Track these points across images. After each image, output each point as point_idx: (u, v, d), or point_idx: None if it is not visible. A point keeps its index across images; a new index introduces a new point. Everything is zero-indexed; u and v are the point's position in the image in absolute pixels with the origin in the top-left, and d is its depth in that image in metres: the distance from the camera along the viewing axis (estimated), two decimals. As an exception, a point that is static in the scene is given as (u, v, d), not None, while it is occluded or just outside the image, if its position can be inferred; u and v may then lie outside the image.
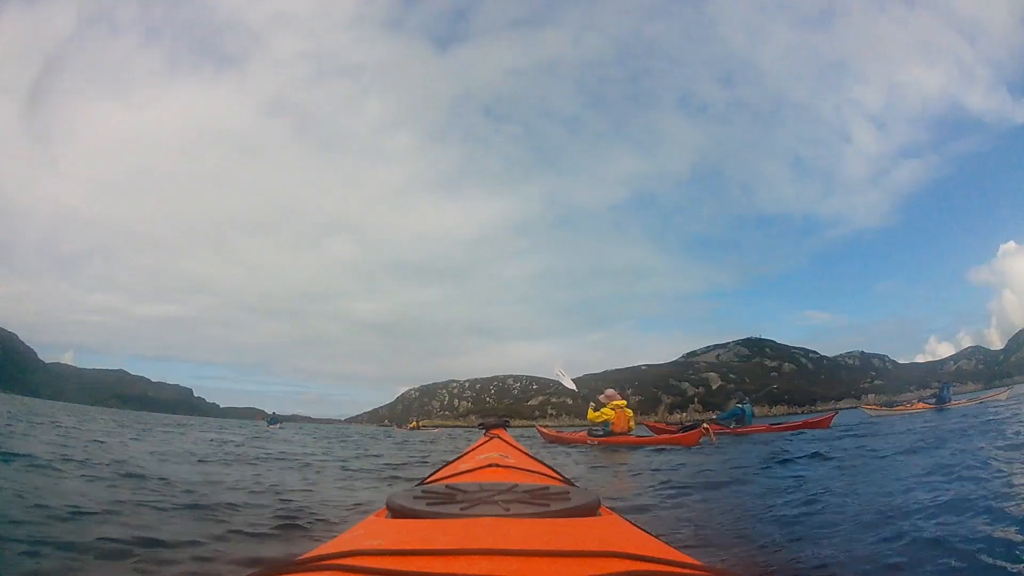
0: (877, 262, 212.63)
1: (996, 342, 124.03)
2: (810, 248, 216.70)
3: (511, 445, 3.26)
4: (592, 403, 13.47)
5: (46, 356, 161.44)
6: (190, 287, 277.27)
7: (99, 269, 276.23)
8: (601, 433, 12.64)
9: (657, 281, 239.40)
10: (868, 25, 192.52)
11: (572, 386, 17.06)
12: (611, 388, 13.80)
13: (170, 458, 8.02)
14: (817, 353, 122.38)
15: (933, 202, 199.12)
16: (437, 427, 55.33)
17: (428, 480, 2.29)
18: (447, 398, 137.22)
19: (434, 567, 0.97)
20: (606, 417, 12.73)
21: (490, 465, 2.43)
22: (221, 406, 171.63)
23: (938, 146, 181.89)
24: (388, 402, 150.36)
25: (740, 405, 16.09)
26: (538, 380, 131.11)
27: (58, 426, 14.00)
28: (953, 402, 22.12)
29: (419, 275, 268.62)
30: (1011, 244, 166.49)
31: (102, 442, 9.92)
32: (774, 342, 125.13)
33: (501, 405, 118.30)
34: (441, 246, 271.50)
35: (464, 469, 2.41)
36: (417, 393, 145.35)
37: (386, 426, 52.29)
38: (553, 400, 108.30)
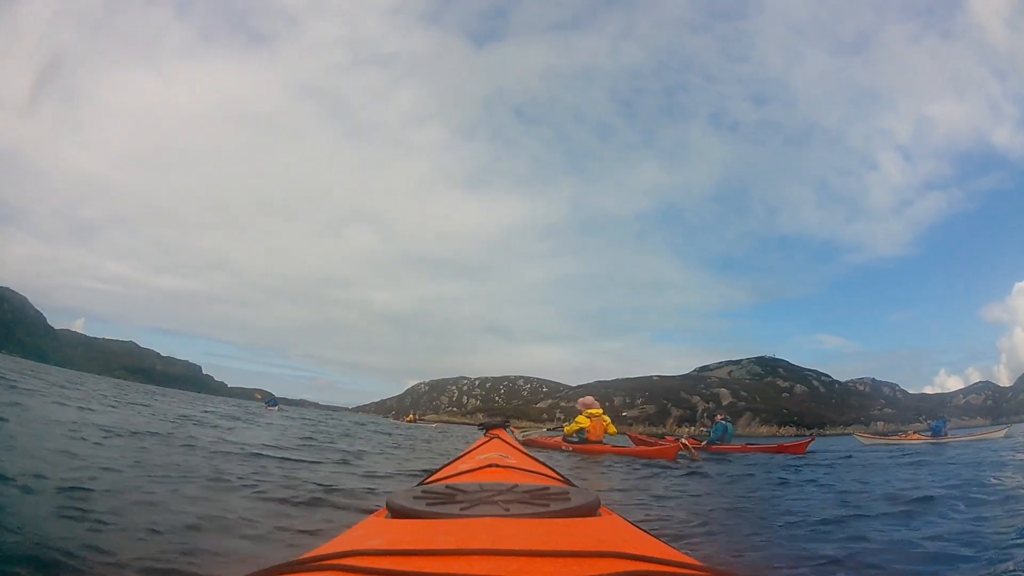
0: (893, 291, 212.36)
1: (1004, 379, 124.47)
2: (828, 273, 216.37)
3: (511, 445, 3.29)
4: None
5: (56, 322, 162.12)
6: (207, 263, 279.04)
7: (117, 238, 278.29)
8: (576, 440, 12.66)
9: (675, 295, 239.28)
10: (902, 55, 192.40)
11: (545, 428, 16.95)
12: (590, 396, 13.80)
13: (82, 431, 7.20)
14: (829, 376, 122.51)
15: (953, 236, 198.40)
16: (436, 423, 55.29)
17: (428, 480, 2.29)
18: (456, 394, 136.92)
19: (434, 567, 0.98)
20: (580, 425, 12.79)
21: (490, 465, 2.43)
22: (229, 385, 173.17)
23: (962, 181, 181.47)
24: (397, 394, 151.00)
25: (722, 422, 16.10)
26: (548, 383, 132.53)
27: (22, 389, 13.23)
28: (949, 436, 22.00)
29: (438, 270, 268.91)
30: None
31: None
32: (788, 363, 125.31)
33: (510, 406, 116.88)
34: (462, 243, 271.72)
35: (464, 469, 2.41)
36: (426, 387, 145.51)
37: (391, 418, 51.97)
38: (562, 404, 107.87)
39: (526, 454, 2.96)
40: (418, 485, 1.97)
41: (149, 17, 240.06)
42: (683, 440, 12.06)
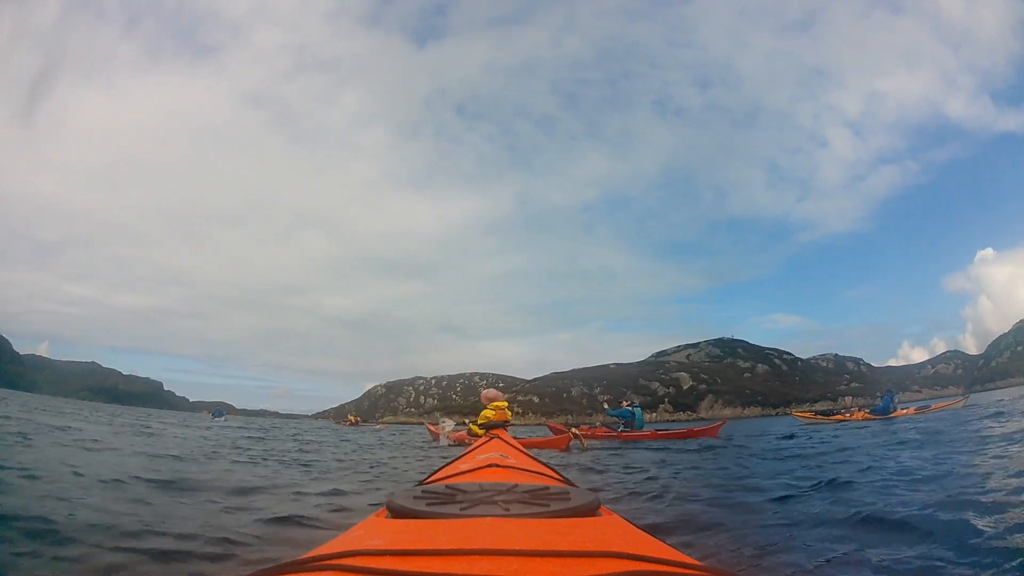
0: (850, 267, 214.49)
1: (971, 348, 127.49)
2: (782, 253, 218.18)
3: (511, 445, 3.35)
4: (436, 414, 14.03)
5: (22, 347, 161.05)
6: (164, 278, 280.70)
7: (75, 259, 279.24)
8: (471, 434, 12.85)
9: (627, 283, 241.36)
10: (850, 32, 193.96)
11: (450, 428, 16.59)
12: (493, 389, 13.16)
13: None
14: (791, 354, 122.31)
15: (909, 209, 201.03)
16: (382, 424, 51.12)
17: (428, 480, 2.30)
18: (413, 395, 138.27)
19: (434, 567, 0.98)
20: (486, 418, 12.48)
21: (490, 465, 2.43)
22: (191, 400, 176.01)
23: (916, 153, 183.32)
24: (355, 398, 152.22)
25: (630, 407, 15.83)
26: (505, 378, 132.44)
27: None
28: (899, 411, 20.82)
29: (390, 271, 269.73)
30: (988, 251, 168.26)
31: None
32: (747, 343, 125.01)
33: (467, 403, 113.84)
34: (412, 243, 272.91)
35: (464, 469, 2.41)
36: (383, 390, 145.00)
37: (337, 423, 50.06)
38: (520, 398, 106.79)
39: (526, 454, 2.99)
40: (418, 485, 2.00)
41: (98, 36, 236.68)
42: (574, 430, 12.09)
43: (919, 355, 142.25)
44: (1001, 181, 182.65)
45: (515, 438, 11.92)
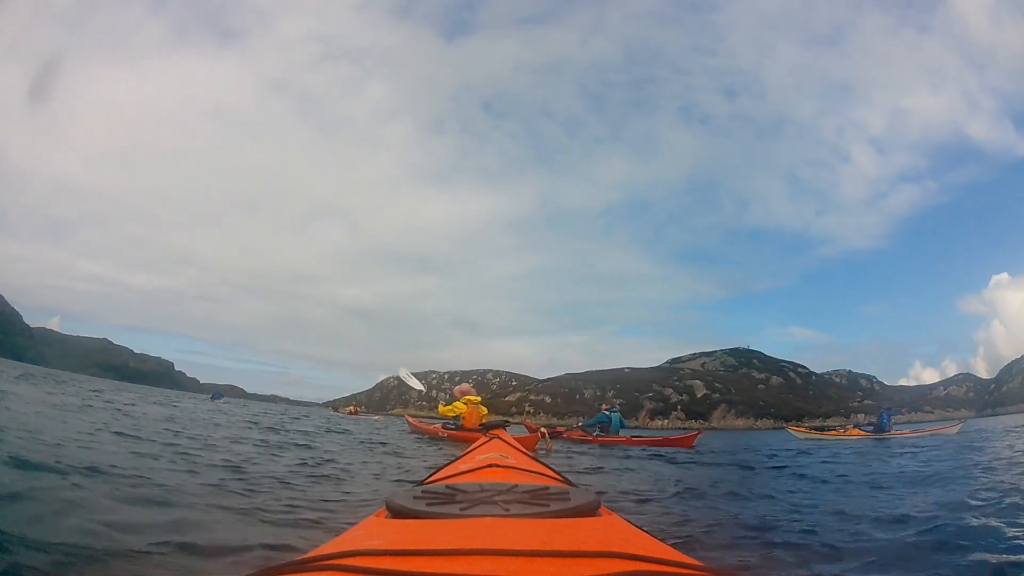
0: (866, 284, 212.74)
1: (982, 372, 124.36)
2: (799, 265, 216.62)
3: (511, 445, 3.35)
4: (442, 402, 13.80)
5: (32, 320, 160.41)
6: (178, 260, 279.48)
7: (90, 237, 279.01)
8: (452, 427, 12.85)
9: (643, 288, 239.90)
10: (877, 48, 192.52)
11: (419, 386, 17.24)
12: (467, 384, 13.76)
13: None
14: (806, 368, 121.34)
15: (928, 228, 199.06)
16: (379, 415, 52.06)
17: (428, 480, 2.31)
18: (425, 389, 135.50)
19: (434, 567, 0.98)
20: (457, 412, 12.93)
21: (490, 465, 2.43)
22: (201, 381, 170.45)
23: (937, 173, 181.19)
24: (367, 388, 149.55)
25: (607, 412, 15.70)
26: (518, 376, 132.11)
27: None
28: (894, 431, 20.41)
29: (407, 265, 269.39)
30: (1004, 276, 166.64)
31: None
32: (763, 354, 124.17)
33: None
34: (431, 238, 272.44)
35: (464, 469, 2.42)
36: (396, 381, 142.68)
37: (329, 410, 50.98)
38: (532, 397, 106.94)
39: (526, 454, 3.02)
40: (418, 485, 2.02)
41: (124, 15, 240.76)
42: (542, 430, 11.89)
43: (930, 376, 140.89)
44: (1020, 206, 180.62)
45: (462, 430, 12.31)
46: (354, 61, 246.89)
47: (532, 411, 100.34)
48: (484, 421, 12.75)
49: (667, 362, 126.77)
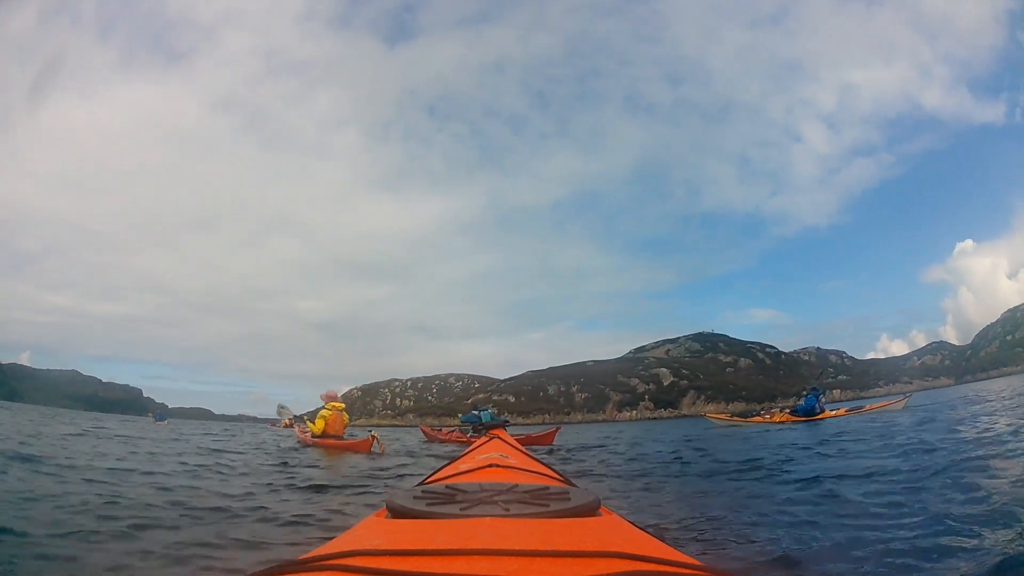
0: (825, 261, 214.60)
1: (953, 340, 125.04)
2: (756, 247, 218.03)
3: (511, 445, 3.28)
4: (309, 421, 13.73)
5: (3, 357, 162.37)
6: (140, 285, 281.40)
7: (54, 267, 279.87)
8: (319, 434, 12.84)
9: (600, 280, 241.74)
10: (824, 25, 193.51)
11: (290, 415, 17.87)
12: (333, 390, 13.62)
13: None
14: (774, 348, 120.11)
15: (886, 201, 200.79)
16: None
17: (428, 480, 2.32)
18: (389, 397, 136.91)
19: (434, 567, 0.98)
20: (323, 419, 12.79)
21: (490, 465, 2.43)
22: (170, 406, 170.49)
23: (892, 145, 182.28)
24: None
25: (477, 412, 16.06)
26: (480, 379, 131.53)
27: None
28: (827, 412, 18.95)
29: (362, 274, 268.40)
30: (968, 243, 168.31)
31: None
32: (728, 337, 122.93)
33: (442, 404, 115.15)
34: (384, 245, 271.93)
35: (464, 469, 2.42)
36: (359, 392, 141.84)
37: (273, 426, 45.60)
38: (495, 398, 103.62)
39: (526, 454, 2.99)
40: (418, 485, 2.02)
41: (74, 41, 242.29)
42: (373, 433, 11.95)
43: (898, 348, 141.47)
44: (980, 172, 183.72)
45: (338, 440, 12.48)
46: (298, 73, 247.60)
47: (497, 412, 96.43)
48: (348, 427, 13.26)
49: (630, 352, 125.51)
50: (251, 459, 9.46)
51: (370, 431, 12.53)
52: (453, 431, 16.99)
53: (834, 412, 19.15)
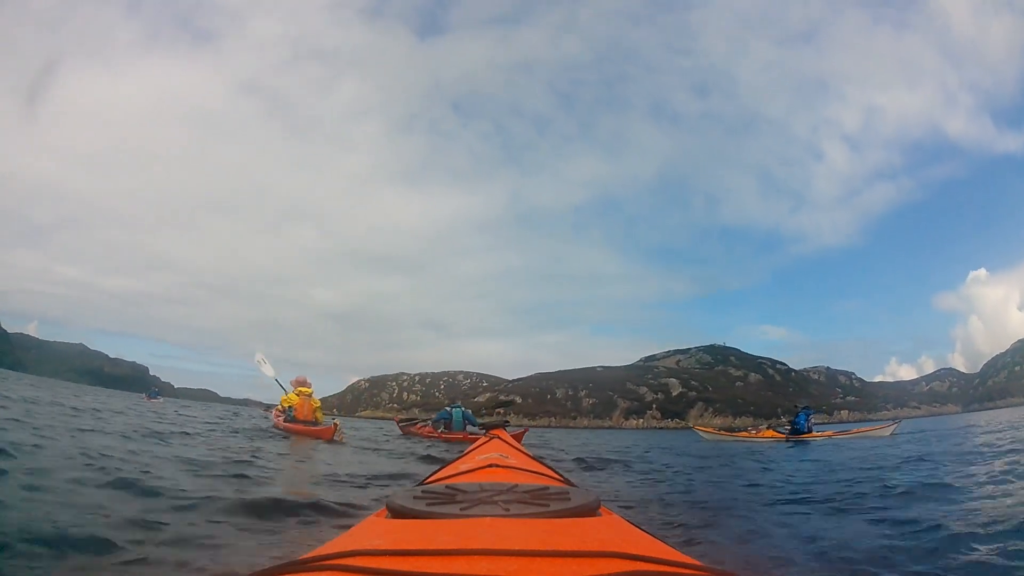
0: (840, 282, 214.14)
1: (961, 368, 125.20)
2: (772, 263, 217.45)
3: (511, 445, 3.26)
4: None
5: (10, 326, 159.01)
6: (152, 263, 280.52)
7: (67, 241, 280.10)
8: (285, 419, 13.13)
9: (614, 287, 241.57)
10: (853, 45, 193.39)
11: (271, 373, 17.30)
12: (303, 375, 14.08)
13: None
14: (785, 365, 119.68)
15: (903, 226, 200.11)
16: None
17: (428, 480, 2.32)
18: (396, 390, 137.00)
19: (434, 567, 0.98)
20: (290, 403, 13.25)
21: (490, 465, 2.42)
22: (175, 386, 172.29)
23: (913, 170, 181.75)
24: (338, 391, 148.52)
25: (449, 408, 16.12)
26: (488, 377, 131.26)
27: None
28: (815, 433, 18.66)
29: (378, 266, 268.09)
30: (981, 271, 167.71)
31: None
32: (739, 351, 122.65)
33: (449, 400, 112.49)
34: (401, 238, 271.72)
35: (464, 469, 2.41)
36: (367, 384, 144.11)
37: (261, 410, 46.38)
38: (501, 398, 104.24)
39: (526, 454, 2.99)
40: (418, 485, 2.02)
41: (100, 17, 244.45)
42: (336, 421, 12.49)
43: (907, 372, 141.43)
44: (997, 202, 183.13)
45: (305, 426, 12.52)
46: (325, 61, 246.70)
47: (502, 411, 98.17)
48: (317, 412, 13.25)
49: (641, 360, 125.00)
50: (195, 447, 8.15)
51: (335, 421, 12.66)
52: (425, 425, 16.89)
53: (821, 433, 18.98)
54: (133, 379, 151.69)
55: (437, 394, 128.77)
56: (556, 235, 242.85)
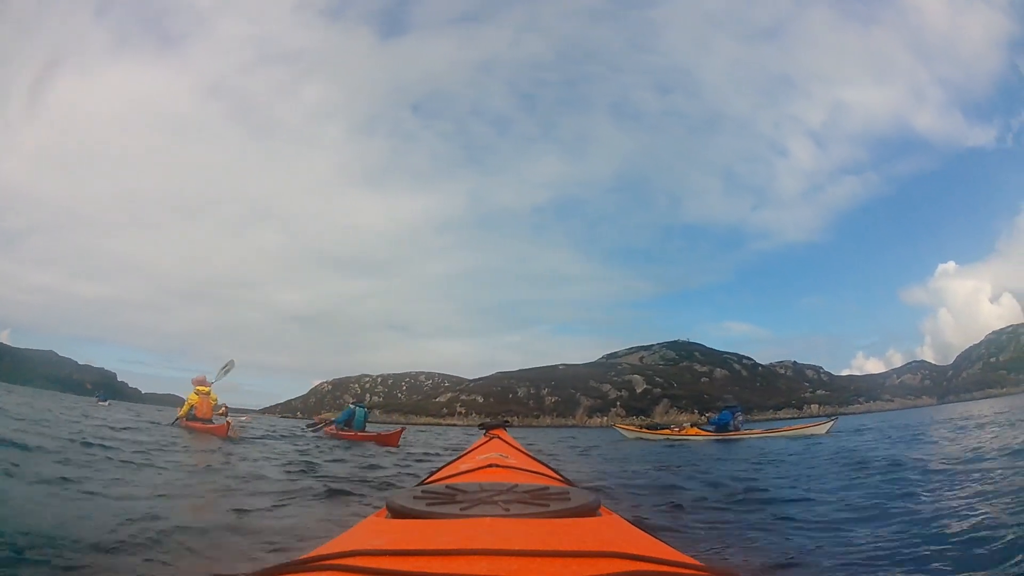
0: (804, 277, 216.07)
1: (931, 360, 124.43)
2: (735, 261, 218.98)
3: (511, 445, 3.25)
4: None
5: None
6: (122, 268, 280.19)
7: (39, 246, 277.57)
8: (187, 417, 13.77)
9: (576, 286, 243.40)
10: (819, 42, 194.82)
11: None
12: (202, 375, 14.44)
13: None
14: (751, 359, 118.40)
15: (869, 220, 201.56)
16: (247, 416, 43.76)
17: (428, 480, 2.32)
18: (359, 392, 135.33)
19: (434, 567, 0.99)
20: (190, 403, 13.81)
21: (490, 465, 2.42)
22: (143, 391, 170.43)
23: (880, 165, 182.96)
24: (302, 394, 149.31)
25: (352, 406, 15.92)
26: (450, 378, 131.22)
27: None
28: (742, 431, 17.91)
29: (340, 268, 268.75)
30: (951, 265, 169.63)
31: None
32: (704, 346, 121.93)
33: (411, 401, 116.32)
34: (364, 240, 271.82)
35: (464, 469, 2.42)
36: (330, 386, 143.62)
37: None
38: (463, 398, 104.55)
39: (526, 454, 2.98)
40: (418, 485, 2.03)
41: (71, 20, 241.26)
42: (228, 420, 12.70)
43: (874, 366, 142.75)
44: (967, 196, 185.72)
45: (210, 421, 13.41)
46: (289, 63, 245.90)
47: (463, 411, 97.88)
48: (217, 408, 13.90)
49: (603, 357, 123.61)
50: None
51: (226, 418, 13.02)
52: (330, 425, 16.56)
53: (749, 432, 18.08)
54: (102, 385, 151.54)
55: (399, 395, 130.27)
56: (518, 235, 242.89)
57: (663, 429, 20.50)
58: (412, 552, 1.04)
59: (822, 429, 17.44)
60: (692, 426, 20.16)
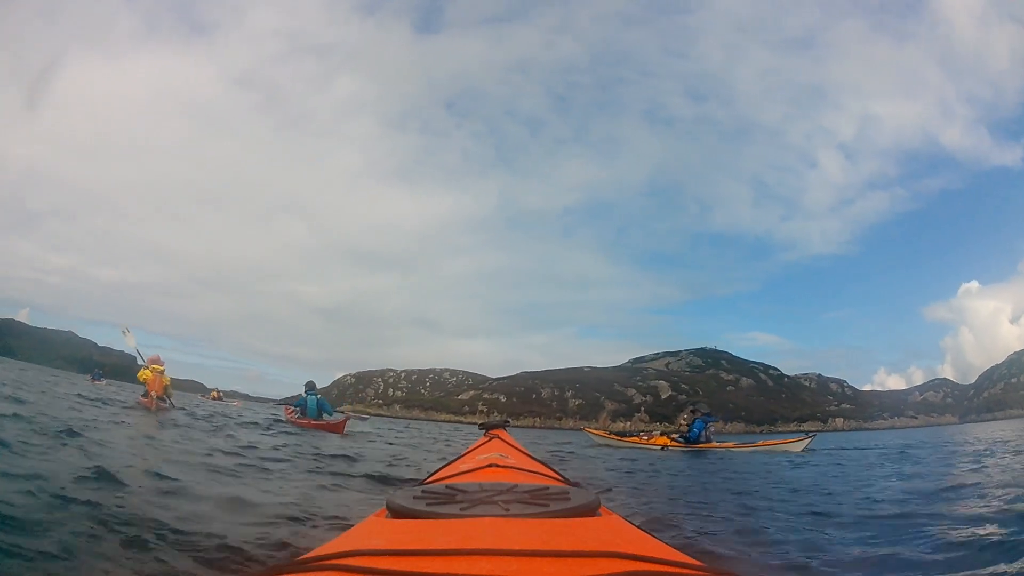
0: (830, 290, 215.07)
1: (951, 379, 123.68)
2: (762, 270, 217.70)
3: (511, 445, 3.27)
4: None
5: (2, 312, 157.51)
6: (144, 254, 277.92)
7: (59, 229, 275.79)
8: (143, 394, 14.57)
9: (604, 290, 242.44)
10: (851, 54, 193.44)
11: (133, 344, 18.56)
12: (158, 354, 15.21)
13: None
14: (777, 370, 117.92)
15: (896, 236, 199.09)
16: (237, 402, 44.96)
17: (428, 480, 2.33)
18: (382, 387, 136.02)
19: (434, 567, 0.99)
20: (143, 378, 14.50)
21: (490, 465, 2.43)
22: None
23: (907, 180, 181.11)
24: (324, 386, 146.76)
25: (305, 395, 16.50)
26: (474, 376, 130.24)
27: None
28: (713, 443, 17.32)
29: (366, 262, 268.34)
30: (973, 284, 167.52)
31: None
32: (731, 355, 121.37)
33: (433, 397, 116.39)
34: (391, 235, 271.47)
35: (464, 469, 2.43)
36: (352, 379, 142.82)
37: (203, 397, 44.42)
38: (486, 396, 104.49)
39: (526, 454, 2.99)
40: (418, 485, 2.02)
41: (98, 5, 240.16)
42: (152, 393, 14.10)
43: (895, 382, 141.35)
44: (991, 214, 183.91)
45: (163, 399, 14.27)
46: (321, 56, 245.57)
47: (485, 410, 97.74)
48: (167, 388, 14.68)
49: (629, 362, 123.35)
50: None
51: (153, 395, 14.11)
52: (291, 410, 17.22)
53: (721, 444, 17.67)
54: (121, 368, 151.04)
55: (423, 391, 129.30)
56: (547, 237, 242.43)
57: (632, 436, 20.35)
58: (412, 552, 1.05)
59: (798, 447, 16.82)
60: (662, 435, 19.67)
